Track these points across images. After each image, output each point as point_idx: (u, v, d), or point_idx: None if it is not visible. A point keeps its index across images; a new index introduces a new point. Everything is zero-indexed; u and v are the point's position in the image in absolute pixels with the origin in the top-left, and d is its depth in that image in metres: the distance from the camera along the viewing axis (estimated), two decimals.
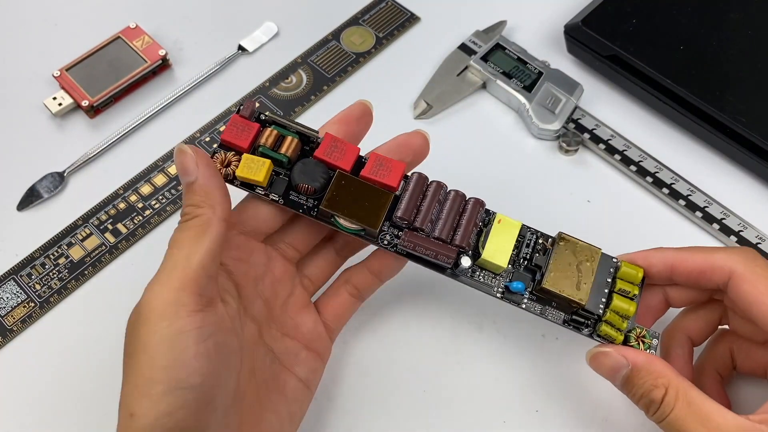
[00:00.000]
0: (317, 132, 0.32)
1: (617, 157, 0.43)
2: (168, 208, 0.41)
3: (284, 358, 0.32)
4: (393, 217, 0.31)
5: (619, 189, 0.43)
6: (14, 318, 0.38)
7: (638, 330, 0.31)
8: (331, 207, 0.30)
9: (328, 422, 0.35)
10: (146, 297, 0.26)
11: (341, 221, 0.31)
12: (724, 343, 0.34)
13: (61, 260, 0.39)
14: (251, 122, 0.31)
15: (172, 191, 0.42)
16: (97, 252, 0.40)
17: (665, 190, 0.41)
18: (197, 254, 0.26)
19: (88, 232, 0.40)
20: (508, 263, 0.31)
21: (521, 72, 0.45)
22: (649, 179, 0.42)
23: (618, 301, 0.31)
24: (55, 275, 0.39)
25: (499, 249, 0.31)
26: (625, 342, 0.31)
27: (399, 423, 0.35)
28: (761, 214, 0.41)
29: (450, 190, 0.32)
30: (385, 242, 0.31)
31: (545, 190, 0.42)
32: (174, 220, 0.41)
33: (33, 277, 0.39)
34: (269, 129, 0.31)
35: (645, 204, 0.42)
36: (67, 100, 0.44)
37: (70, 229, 0.40)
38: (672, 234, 0.41)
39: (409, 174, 0.32)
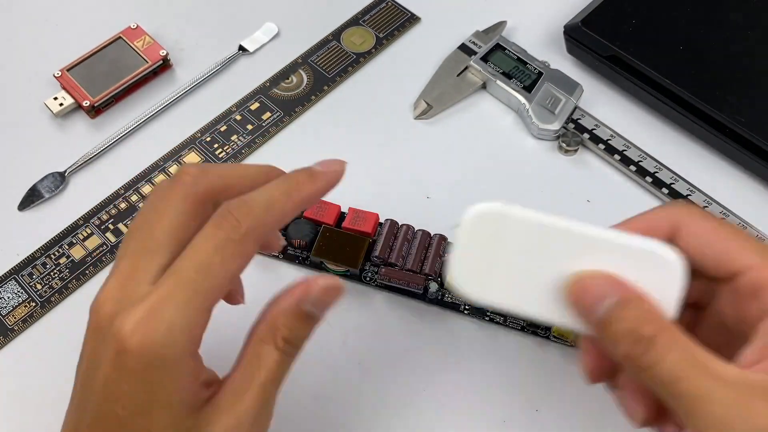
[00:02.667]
0: None
1: (617, 157, 0.43)
2: None
3: None
4: (371, 257, 0.38)
5: (618, 189, 0.43)
6: (15, 318, 0.38)
7: None
8: (319, 255, 0.37)
9: (328, 422, 0.35)
10: None
11: (329, 266, 0.38)
12: None
13: (62, 260, 0.39)
14: None
15: None
16: (98, 252, 0.40)
17: (665, 190, 0.41)
18: None
19: (89, 231, 0.40)
20: None
21: (521, 72, 0.45)
22: (649, 179, 0.42)
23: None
24: (56, 275, 0.39)
25: None
26: None
27: (399, 422, 0.35)
28: (761, 214, 0.41)
29: (417, 230, 0.39)
30: (367, 278, 0.38)
31: (545, 190, 0.42)
32: None
33: (34, 276, 0.39)
34: None
35: (645, 204, 0.42)
36: (68, 100, 0.44)
37: (71, 229, 0.41)
38: None
39: (382, 221, 0.39)
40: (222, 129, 0.44)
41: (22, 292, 0.38)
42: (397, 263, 0.37)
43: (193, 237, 0.25)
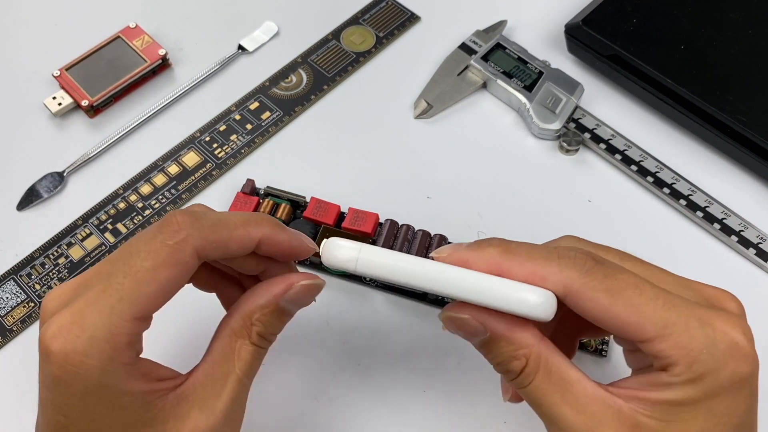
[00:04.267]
0: (304, 197, 0.39)
1: (618, 156, 0.42)
2: (168, 208, 0.41)
3: None
4: None
5: (619, 189, 0.43)
6: (14, 318, 0.38)
7: None
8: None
9: (328, 422, 0.35)
10: None
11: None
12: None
13: (61, 260, 0.39)
14: (252, 197, 0.39)
15: (172, 191, 0.42)
16: (97, 252, 0.40)
17: (666, 190, 0.41)
18: None
19: (87, 232, 0.40)
20: None
21: (522, 71, 0.45)
22: (650, 179, 0.42)
23: None
24: (55, 275, 0.39)
25: None
26: None
27: (399, 423, 0.35)
28: (762, 214, 0.41)
29: (417, 230, 0.38)
30: (367, 279, 0.38)
31: (546, 190, 0.42)
32: None
33: (33, 277, 0.39)
34: (267, 200, 0.39)
35: (646, 204, 0.42)
36: (67, 100, 0.44)
37: (70, 229, 0.40)
38: (672, 234, 0.41)
39: (382, 221, 0.39)
40: (221, 128, 0.44)
41: (20, 293, 0.38)
42: None
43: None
